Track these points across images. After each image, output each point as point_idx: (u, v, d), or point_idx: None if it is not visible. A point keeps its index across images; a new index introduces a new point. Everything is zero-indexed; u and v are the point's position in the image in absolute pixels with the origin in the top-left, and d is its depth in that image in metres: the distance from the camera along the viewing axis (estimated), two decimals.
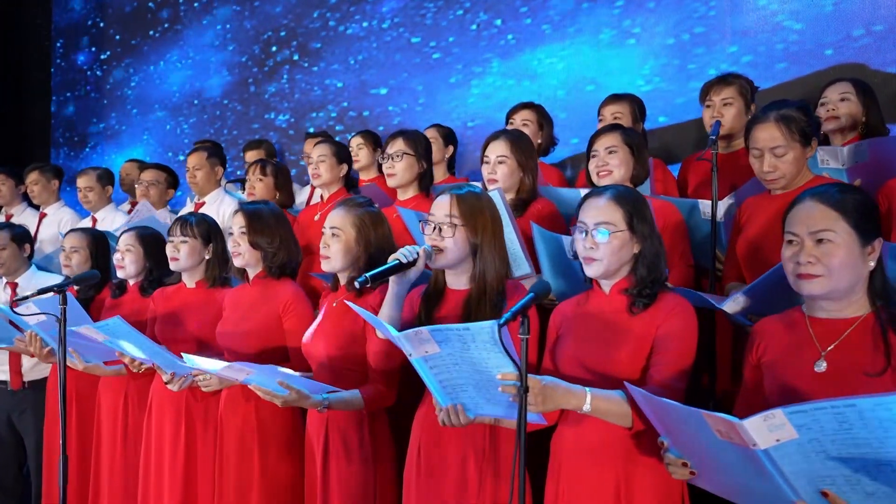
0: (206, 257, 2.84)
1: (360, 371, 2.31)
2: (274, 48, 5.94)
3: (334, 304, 2.38)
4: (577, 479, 1.92)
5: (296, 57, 5.81)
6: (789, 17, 3.69)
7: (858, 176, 2.53)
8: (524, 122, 3.56)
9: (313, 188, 4.33)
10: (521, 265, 2.43)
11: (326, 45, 5.63)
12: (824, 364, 1.60)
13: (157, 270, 3.09)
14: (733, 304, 2.12)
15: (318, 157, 3.52)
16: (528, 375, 1.65)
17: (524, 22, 4.64)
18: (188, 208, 4.26)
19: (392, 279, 2.07)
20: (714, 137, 2.63)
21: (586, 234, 1.91)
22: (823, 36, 3.56)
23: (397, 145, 3.12)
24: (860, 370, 1.57)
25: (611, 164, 2.58)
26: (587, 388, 1.77)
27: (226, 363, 2.23)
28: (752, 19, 3.81)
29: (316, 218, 3.46)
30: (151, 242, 3.11)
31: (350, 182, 3.63)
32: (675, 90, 4.01)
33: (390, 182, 3.13)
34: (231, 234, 2.67)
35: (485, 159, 2.76)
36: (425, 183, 3.19)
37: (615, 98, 3.48)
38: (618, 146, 2.59)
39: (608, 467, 1.88)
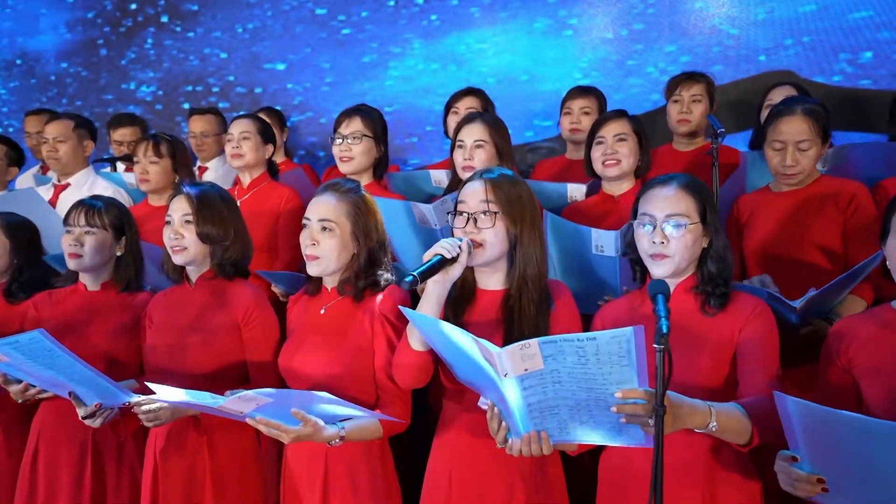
0: (118, 254, 2.31)
1: (368, 392, 1.96)
2: (133, 5, 5.09)
3: (322, 312, 2.01)
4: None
5: (164, 19, 5.02)
6: (725, 22, 3.88)
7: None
8: (469, 110, 3.28)
9: (202, 170, 3.80)
10: None
11: (205, 7, 4.93)
12: None
13: (28, 270, 2.52)
14: (804, 304, 2.11)
15: (240, 135, 3.03)
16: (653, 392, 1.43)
17: (450, 3, 4.42)
18: (45, 192, 3.44)
19: (431, 279, 1.74)
20: (722, 130, 2.64)
21: (654, 228, 1.75)
22: (757, 42, 3.80)
23: (354, 125, 2.77)
24: None
25: (620, 152, 2.47)
26: (708, 403, 1.58)
27: (234, 394, 1.76)
28: (690, 21, 3.95)
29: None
30: (20, 232, 2.53)
31: (273, 167, 3.19)
32: (613, 85, 4.04)
33: (346, 167, 2.77)
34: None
35: (458, 143, 2.55)
36: (380, 170, 2.90)
37: (582, 91, 3.40)
38: (627, 134, 2.48)
39: (692, 489, 1.73)
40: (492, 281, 1.87)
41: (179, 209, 2.12)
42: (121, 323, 2.27)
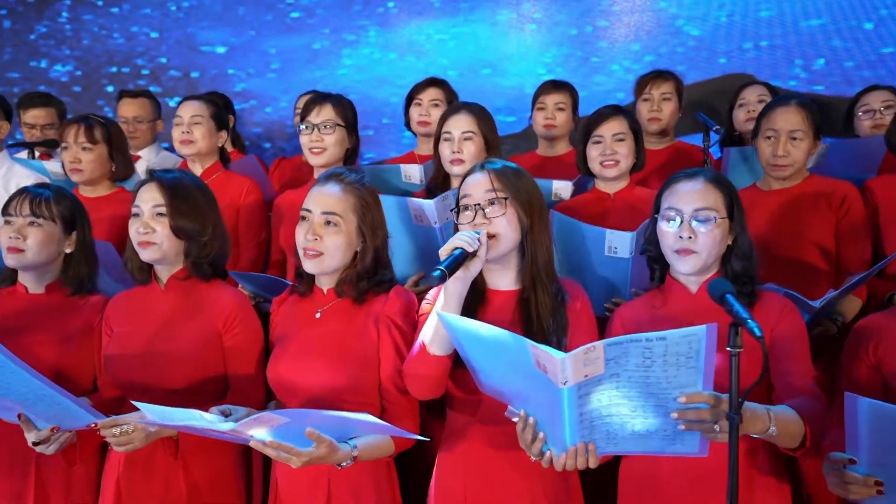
0: (67, 251, 2.05)
1: (372, 405, 1.79)
2: None
3: (317, 316, 1.84)
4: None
5: None
6: (688, 23, 3.95)
7: None
8: (433, 101, 3.15)
9: (134, 159, 3.45)
10: None
11: None
12: None
13: None
14: (823, 305, 2.13)
15: (191, 119, 2.78)
16: (720, 396, 1.38)
17: None
18: None
19: (451, 277, 1.60)
20: (717, 128, 2.66)
21: (680, 223, 1.71)
22: (718, 45, 3.89)
23: (326, 113, 2.55)
24: None
25: (619, 152, 2.39)
26: (766, 407, 1.52)
27: (248, 416, 1.56)
28: (654, 21, 4.00)
29: None
30: None
31: (225, 156, 2.95)
32: (578, 83, 3.95)
33: (317, 159, 2.55)
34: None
35: (444, 135, 2.43)
36: (350, 162, 2.70)
37: (556, 86, 3.33)
38: (625, 133, 2.40)
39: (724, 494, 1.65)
40: (503, 280, 1.76)
41: (150, 199, 1.86)
42: (70, 331, 1.97)
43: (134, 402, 1.60)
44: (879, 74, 3.70)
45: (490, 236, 1.66)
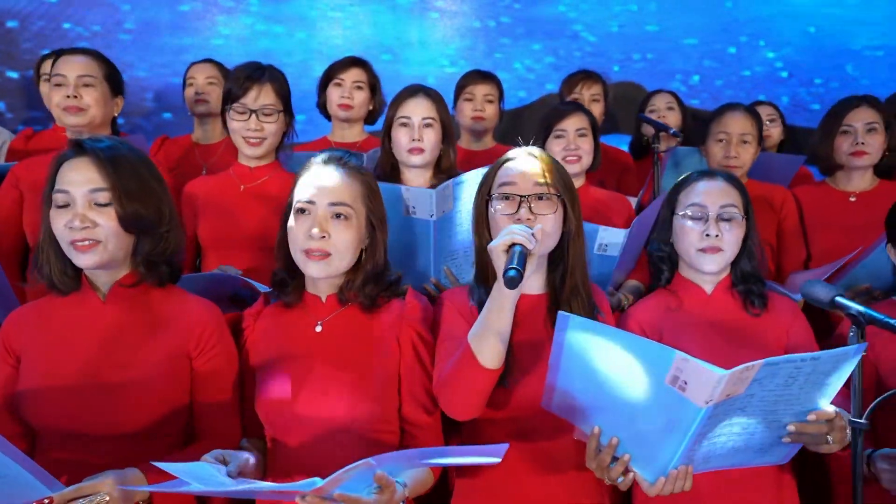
0: None
1: (394, 431, 1.55)
2: None
3: (318, 329, 1.56)
4: None
5: None
6: (585, 29, 4.06)
7: None
8: (356, 83, 2.89)
9: None
10: None
11: None
12: None
13: None
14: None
15: (78, 79, 2.22)
16: (841, 412, 1.41)
17: None
18: None
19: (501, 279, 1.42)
20: (674, 132, 2.78)
21: (706, 220, 1.71)
22: (611, 53, 4.06)
23: (267, 96, 2.21)
24: None
25: (582, 148, 2.36)
26: (837, 410, 1.47)
27: (248, 462, 1.33)
28: (553, 23, 4.04)
29: None
30: None
31: (117, 131, 2.45)
32: None
33: (256, 150, 2.19)
34: None
35: (401, 121, 2.19)
36: (279, 149, 2.38)
37: (483, 76, 3.19)
38: (587, 129, 2.38)
39: (764, 495, 1.68)
40: (532, 283, 1.59)
41: (83, 181, 1.40)
42: None
43: (164, 466, 1.18)
44: (739, 95, 4.14)
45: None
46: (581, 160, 2.34)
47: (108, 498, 1.26)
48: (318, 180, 1.52)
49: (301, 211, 1.50)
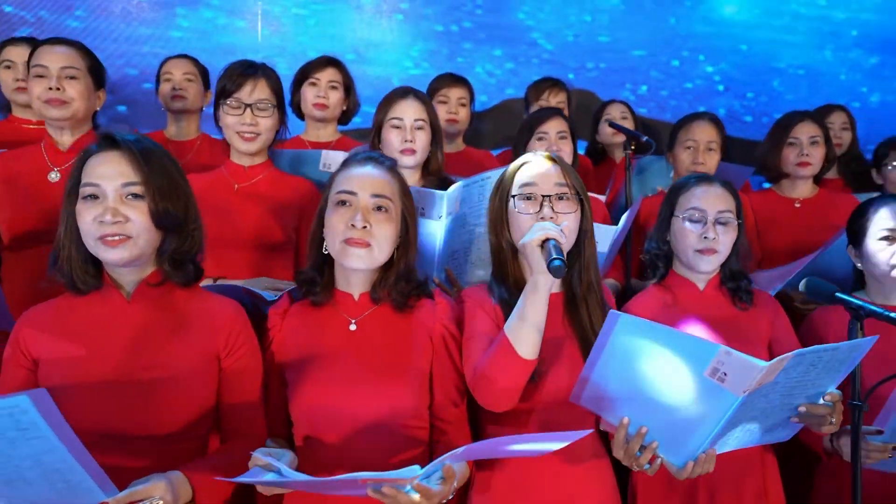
0: None
1: (427, 427, 1.58)
2: None
3: (352, 327, 1.56)
4: (724, 494, 1.84)
5: None
6: (543, 37, 4.19)
7: None
8: (332, 83, 2.89)
9: None
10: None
11: None
12: None
13: None
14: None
15: (61, 70, 2.14)
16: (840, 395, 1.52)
17: None
18: None
19: (541, 272, 1.46)
20: (647, 140, 2.93)
21: (704, 224, 1.84)
22: (567, 61, 4.20)
23: (261, 90, 2.17)
24: None
25: (563, 150, 2.45)
26: None
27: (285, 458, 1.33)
28: (513, 30, 4.14)
29: (54, 179, 2.14)
30: None
31: (97, 125, 2.37)
32: None
33: (251, 146, 2.16)
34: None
35: (393, 122, 2.22)
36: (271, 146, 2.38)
37: (457, 80, 3.25)
38: (566, 132, 2.48)
39: (751, 475, 1.81)
40: None
41: (115, 174, 1.37)
42: None
43: (240, 479, 1.19)
44: (682, 105, 4.39)
45: None
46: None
47: (161, 502, 1.24)
48: (360, 173, 1.53)
49: (342, 203, 1.51)
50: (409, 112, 2.19)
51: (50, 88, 2.08)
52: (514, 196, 1.60)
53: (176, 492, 1.27)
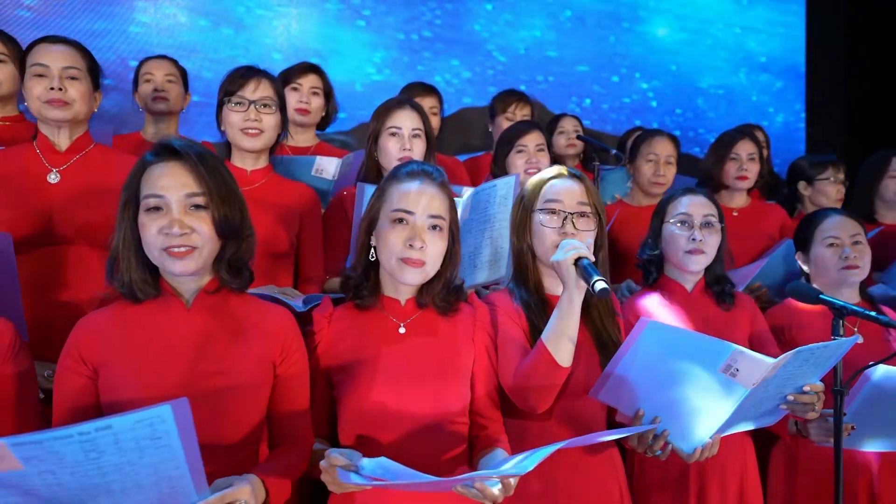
0: None
1: (467, 424, 1.66)
2: None
3: (401, 330, 1.63)
4: (712, 475, 2.04)
5: None
6: (497, 50, 4.34)
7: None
8: (313, 89, 2.90)
9: None
10: (501, 266, 2.10)
11: None
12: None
13: None
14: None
15: (63, 70, 2.05)
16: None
17: None
18: None
19: (576, 284, 1.58)
20: (615, 153, 3.14)
21: (692, 228, 2.03)
22: (519, 73, 4.38)
23: (264, 89, 2.17)
24: None
25: (542, 162, 2.59)
26: None
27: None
28: (469, 41, 4.27)
29: (53, 180, 2.08)
30: None
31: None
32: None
33: (254, 142, 2.15)
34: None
35: (392, 131, 2.28)
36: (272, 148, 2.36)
37: (426, 89, 3.37)
38: (544, 145, 2.63)
39: (733, 462, 1.99)
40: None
41: (179, 185, 1.36)
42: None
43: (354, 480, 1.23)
44: (620, 118, 4.68)
45: None
46: (540, 171, 2.56)
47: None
48: (416, 191, 1.58)
49: (399, 220, 1.55)
50: (407, 121, 2.25)
51: (52, 88, 1.99)
52: (539, 209, 1.72)
53: (257, 494, 1.29)
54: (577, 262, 1.54)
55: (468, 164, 3.34)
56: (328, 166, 2.50)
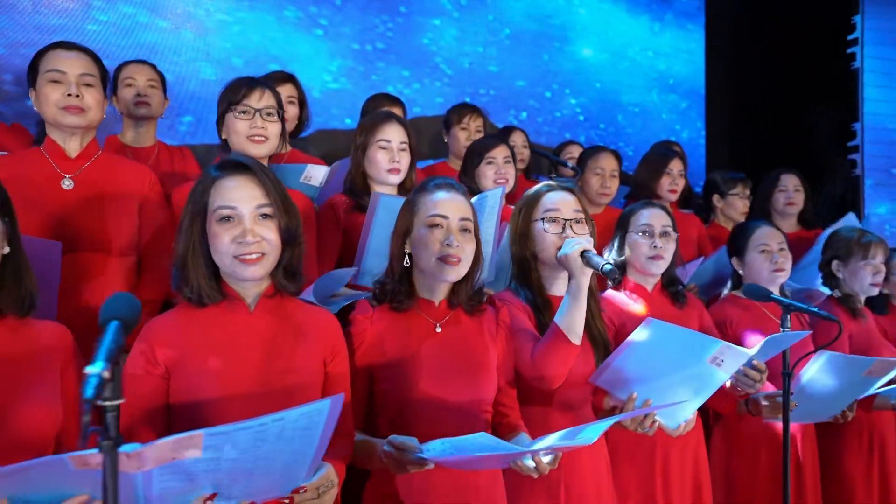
0: (4, 251, 1.44)
1: (490, 412, 1.83)
2: None
3: (437, 329, 1.76)
4: (674, 448, 2.35)
5: None
6: (444, 62, 4.51)
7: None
8: (289, 98, 2.97)
9: None
10: (484, 269, 2.24)
11: None
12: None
13: None
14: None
15: (80, 77, 2.08)
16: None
17: None
18: None
19: (585, 274, 1.83)
20: (571, 166, 3.43)
21: (653, 237, 2.31)
22: (463, 87, 4.57)
23: (269, 98, 2.22)
24: None
25: (510, 173, 2.83)
26: None
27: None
28: (418, 53, 4.41)
29: (68, 186, 2.09)
30: None
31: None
32: (360, 95, 4.08)
33: (260, 149, 2.18)
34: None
35: (382, 144, 2.37)
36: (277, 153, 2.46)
37: (391, 100, 3.51)
38: (510, 157, 2.88)
39: (688, 444, 2.30)
40: (563, 286, 1.98)
41: (249, 197, 1.47)
42: (27, 375, 1.42)
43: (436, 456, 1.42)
44: (553, 131, 4.98)
45: None
46: (508, 182, 2.83)
47: (335, 488, 1.44)
48: (448, 198, 1.74)
49: (435, 225, 1.71)
50: (395, 135, 2.37)
51: (69, 95, 2.01)
52: (540, 219, 1.94)
53: (335, 479, 1.45)
54: (581, 254, 1.77)
55: (425, 173, 3.45)
56: (317, 174, 2.57)
